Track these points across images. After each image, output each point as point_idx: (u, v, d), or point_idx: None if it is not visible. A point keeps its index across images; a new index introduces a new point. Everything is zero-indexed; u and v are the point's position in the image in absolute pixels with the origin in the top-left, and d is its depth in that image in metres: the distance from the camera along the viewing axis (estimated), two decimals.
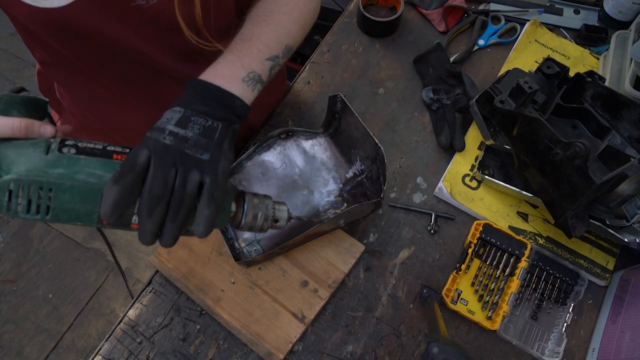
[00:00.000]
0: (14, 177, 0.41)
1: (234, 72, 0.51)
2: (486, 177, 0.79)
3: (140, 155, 0.41)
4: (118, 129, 0.76)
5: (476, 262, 0.77)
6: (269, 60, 0.55)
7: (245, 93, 0.51)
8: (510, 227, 0.79)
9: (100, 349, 0.71)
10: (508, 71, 0.79)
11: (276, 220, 0.54)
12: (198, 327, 0.72)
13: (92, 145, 0.45)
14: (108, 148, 0.45)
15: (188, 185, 0.42)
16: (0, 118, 0.44)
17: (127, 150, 0.46)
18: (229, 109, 0.49)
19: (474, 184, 0.82)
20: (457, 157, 0.84)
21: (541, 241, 0.78)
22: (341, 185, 0.79)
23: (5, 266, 1.78)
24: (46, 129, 0.46)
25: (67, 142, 0.44)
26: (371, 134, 0.70)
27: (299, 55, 1.58)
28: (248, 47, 0.54)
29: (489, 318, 0.73)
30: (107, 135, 0.79)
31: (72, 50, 0.58)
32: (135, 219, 0.44)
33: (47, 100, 0.53)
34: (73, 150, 0.44)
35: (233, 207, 0.50)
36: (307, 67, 0.94)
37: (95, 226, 0.45)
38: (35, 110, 0.49)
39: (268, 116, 0.89)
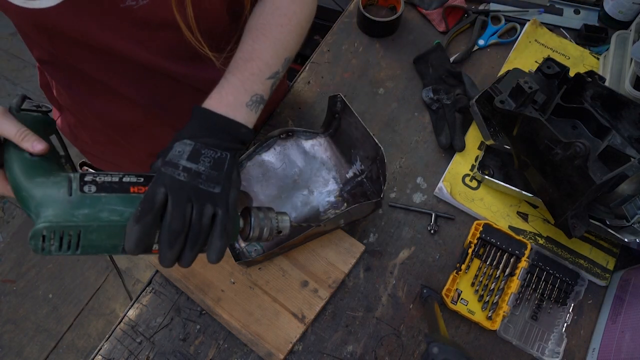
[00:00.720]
0: (45, 224, 0.44)
1: (239, 98, 0.53)
2: (486, 177, 0.79)
3: (158, 193, 0.44)
4: (116, 126, 0.76)
5: (476, 262, 0.77)
6: (270, 79, 0.57)
7: (249, 117, 0.54)
8: (510, 227, 0.79)
9: (100, 349, 0.71)
10: (508, 71, 0.79)
11: (280, 232, 0.57)
12: (198, 327, 0.72)
13: (109, 179, 0.48)
14: (124, 179, 0.48)
15: (203, 218, 0.46)
16: (8, 122, 0.47)
17: (142, 180, 0.49)
18: (235, 137, 0.51)
19: (474, 184, 0.82)
20: (457, 157, 0.84)
21: (541, 241, 0.78)
22: (341, 185, 0.79)
23: (5, 266, 1.78)
24: (37, 145, 0.47)
25: (86, 179, 0.48)
26: (371, 134, 0.70)
27: (299, 55, 1.58)
28: (250, 67, 0.55)
29: (489, 318, 0.73)
30: (104, 132, 0.79)
31: (64, 49, 0.58)
32: (156, 246, 0.47)
33: (50, 109, 0.55)
34: (93, 188, 0.47)
35: (241, 223, 0.54)
36: (307, 67, 0.94)
37: (120, 254, 0.49)
38: (43, 128, 0.52)
39: (268, 116, 0.89)
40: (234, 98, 0.53)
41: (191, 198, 0.45)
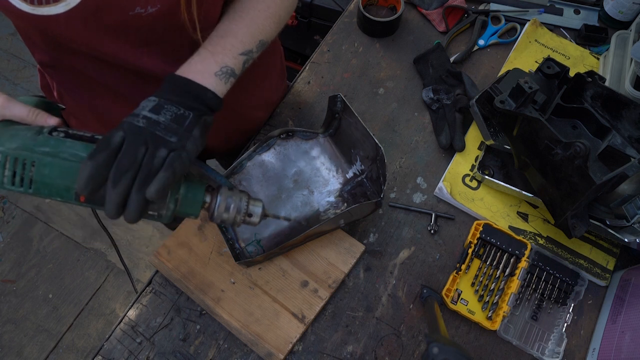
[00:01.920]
0: (1, 149, 0.46)
1: (207, 67, 0.55)
2: (486, 177, 0.79)
3: (115, 135, 0.45)
4: None
5: (476, 262, 0.77)
6: (242, 55, 0.58)
7: (218, 86, 0.55)
8: (510, 227, 0.79)
9: (101, 349, 0.71)
10: (508, 71, 0.79)
11: (250, 215, 0.55)
12: (198, 327, 0.72)
13: (81, 133, 0.50)
14: (95, 136, 0.50)
15: (155, 159, 0.45)
16: (18, 104, 0.50)
17: None
18: (200, 100, 0.52)
19: (474, 184, 0.82)
20: (457, 157, 0.84)
21: (541, 241, 0.78)
22: (341, 185, 0.79)
23: (5, 266, 1.78)
24: (51, 119, 0.51)
25: (59, 129, 0.49)
26: (371, 134, 0.70)
27: (299, 55, 1.58)
28: (222, 42, 0.57)
29: (489, 318, 0.73)
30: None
31: (69, 55, 0.58)
32: None
33: (64, 107, 0.57)
34: (62, 135, 0.49)
35: (207, 198, 0.53)
36: (307, 67, 0.94)
37: (73, 203, 0.48)
38: (49, 111, 0.54)
39: (268, 116, 0.89)
40: (202, 66, 0.54)
41: (147, 141, 0.46)
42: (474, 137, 0.85)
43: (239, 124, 0.85)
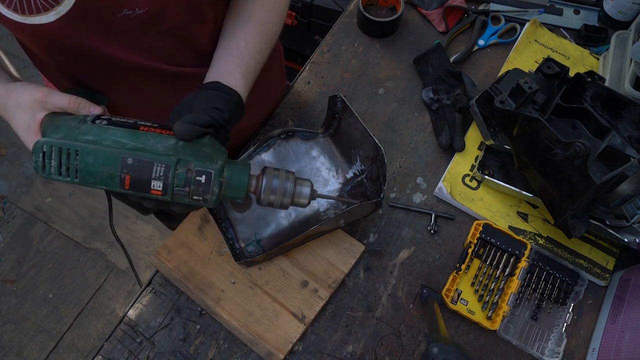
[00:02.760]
0: (46, 140, 0.47)
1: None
2: (486, 177, 0.79)
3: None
4: None
5: (476, 262, 0.77)
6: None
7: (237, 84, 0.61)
8: (510, 227, 0.79)
9: (101, 349, 0.71)
10: (508, 71, 0.79)
11: (298, 196, 0.54)
12: (198, 327, 0.72)
13: (124, 120, 0.50)
14: (138, 122, 0.51)
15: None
16: (58, 94, 0.52)
17: (156, 125, 0.51)
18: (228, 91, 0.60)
19: (474, 184, 0.82)
20: (457, 157, 0.84)
21: (541, 241, 0.79)
22: (341, 185, 0.79)
23: (5, 266, 1.78)
24: (95, 108, 0.52)
25: (102, 117, 0.50)
26: (371, 134, 0.70)
27: (299, 55, 1.58)
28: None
29: (489, 318, 0.73)
30: None
31: (65, 61, 0.59)
32: (154, 183, 0.47)
33: (107, 98, 0.59)
34: (105, 122, 0.49)
35: (253, 181, 0.52)
36: (307, 67, 0.94)
37: (118, 190, 0.48)
38: (92, 100, 0.55)
39: (268, 116, 0.89)
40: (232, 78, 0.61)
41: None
42: (474, 137, 0.85)
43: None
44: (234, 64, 0.62)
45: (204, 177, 0.48)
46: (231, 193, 0.51)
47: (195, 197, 0.48)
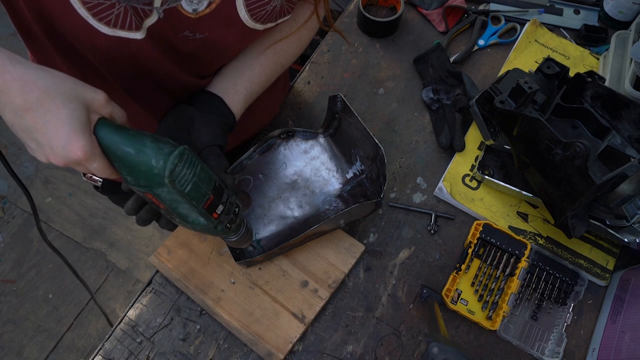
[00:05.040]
0: (185, 148, 0.48)
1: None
2: (486, 177, 0.79)
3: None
4: None
5: (476, 262, 0.77)
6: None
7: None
8: (510, 227, 0.79)
9: (100, 349, 0.71)
10: (508, 71, 0.79)
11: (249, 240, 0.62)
12: (198, 327, 0.72)
13: None
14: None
15: None
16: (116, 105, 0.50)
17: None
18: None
19: (474, 184, 0.82)
20: (457, 157, 0.84)
21: (541, 241, 0.79)
22: (341, 185, 0.79)
23: (5, 266, 1.78)
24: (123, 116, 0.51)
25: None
26: (371, 134, 0.70)
27: (300, 55, 1.57)
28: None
29: (489, 318, 0.73)
30: None
31: (115, 73, 0.59)
32: (219, 207, 0.52)
33: None
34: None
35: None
36: (307, 67, 0.94)
37: (198, 209, 0.50)
38: None
39: (271, 120, 0.88)
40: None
41: None
42: (474, 137, 0.85)
43: (240, 128, 0.85)
44: (242, 86, 0.64)
45: (237, 209, 0.55)
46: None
47: (228, 225, 0.54)
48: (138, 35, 0.51)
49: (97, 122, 0.47)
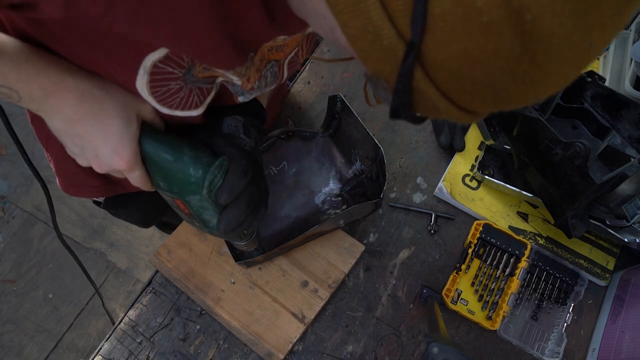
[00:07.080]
0: (224, 159, 0.49)
1: None
2: (486, 177, 0.79)
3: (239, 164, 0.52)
4: None
5: (476, 262, 0.77)
6: None
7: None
8: (510, 227, 0.79)
9: (100, 349, 0.71)
10: None
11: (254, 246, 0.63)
12: (198, 327, 0.72)
13: None
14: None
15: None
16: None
17: None
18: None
19: (474, 184, 0.82)
20: (457, 157, 0.84)
21: (541, 241, 0.78)
22: (341, 185, 0.79)
23: (5, 266, 1.77)
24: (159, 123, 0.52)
25: None
26: (371, 134, 0.70)
27: None
28: None
29: (489, 318, 0.73)
30: None
31: None
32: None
33: None
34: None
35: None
36: (307, 67, 0.94)
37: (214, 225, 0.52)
38: None
39: (273, 120, 0.88)
40: None
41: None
42: (474, 137, 0.85)
43: None
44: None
45: None
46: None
47: (245, 232, 0.55)
48: (195, 113, 0.50)
49: (142, 128, 0.47)
